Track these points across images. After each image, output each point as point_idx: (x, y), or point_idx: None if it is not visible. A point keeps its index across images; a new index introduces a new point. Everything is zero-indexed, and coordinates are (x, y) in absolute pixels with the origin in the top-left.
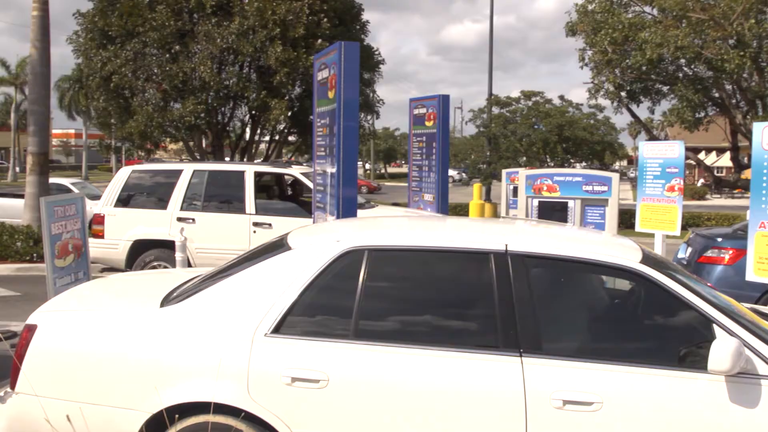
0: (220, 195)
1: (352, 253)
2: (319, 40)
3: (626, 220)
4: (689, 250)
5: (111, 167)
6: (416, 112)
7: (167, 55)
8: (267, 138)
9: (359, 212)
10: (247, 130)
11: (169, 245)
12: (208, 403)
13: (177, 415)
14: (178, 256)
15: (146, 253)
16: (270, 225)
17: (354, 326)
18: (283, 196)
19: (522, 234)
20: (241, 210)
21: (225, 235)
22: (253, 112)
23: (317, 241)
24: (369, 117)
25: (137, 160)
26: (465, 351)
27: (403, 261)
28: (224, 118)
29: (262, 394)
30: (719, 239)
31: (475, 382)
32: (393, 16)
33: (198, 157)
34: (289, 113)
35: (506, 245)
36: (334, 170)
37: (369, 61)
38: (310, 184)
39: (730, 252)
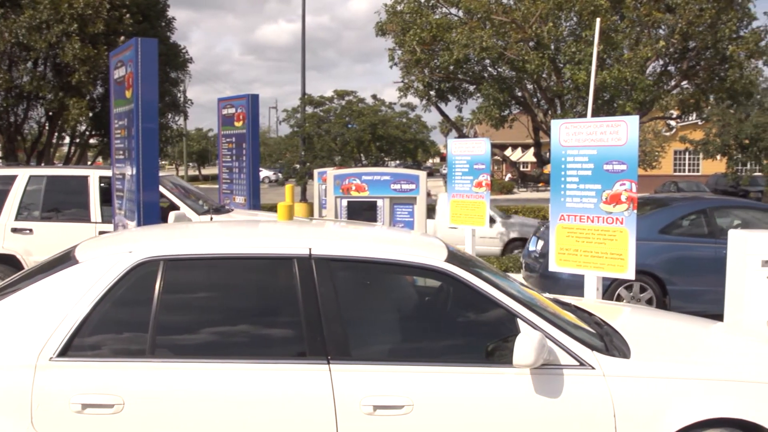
0: (61, 202)
1: (146, 265)
2: (122, 37)
3: None
4: (540, 243)
5: None
6: (225, 112)
7: None
8: (67, 140)
9: (217, 217)
10: (45, 132)
11: (3, 260)
12: None
13: None
14: None
15: None
16: None
17: (150, 343)
18: None
19: (327, 237)
20: (85, 218)
21: (68, 245)
22: (50, 113)
23: (107, 253)
24: (177, 117)
25: None
26: (270, 362)
27: (202, 270)
28: (17, 119)
29: (49, 426)
30: None
31: (282, 394)
32: (206, 14)
33: None
34: (91, 114)
35: (310, 249)
36: (133, 173)
37: (176, 60)
38: (163, 190)
39: None
